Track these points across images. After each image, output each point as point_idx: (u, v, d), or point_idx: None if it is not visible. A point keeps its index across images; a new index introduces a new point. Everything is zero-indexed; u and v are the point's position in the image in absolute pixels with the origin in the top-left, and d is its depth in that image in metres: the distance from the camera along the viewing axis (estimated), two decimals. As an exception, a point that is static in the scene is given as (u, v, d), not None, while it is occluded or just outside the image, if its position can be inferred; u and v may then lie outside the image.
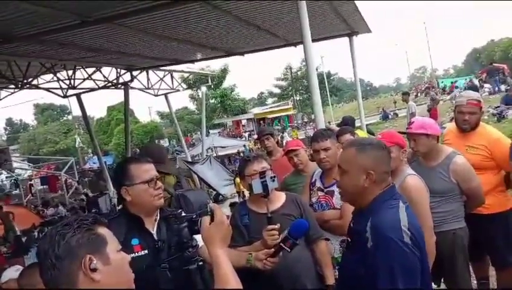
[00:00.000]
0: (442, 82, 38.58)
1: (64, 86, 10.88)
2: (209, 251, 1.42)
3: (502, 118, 11.43)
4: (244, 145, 24.15)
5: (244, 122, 43.04)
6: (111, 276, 1.15)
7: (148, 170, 1.96)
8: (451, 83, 34.01)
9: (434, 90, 30.43)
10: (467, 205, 2.97)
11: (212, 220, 1.44)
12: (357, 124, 7.83)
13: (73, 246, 1.12)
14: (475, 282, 3.37)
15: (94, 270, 1.11)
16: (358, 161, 1.68)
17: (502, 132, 3.56)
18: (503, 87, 21.88)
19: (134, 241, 1.88)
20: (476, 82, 25.79)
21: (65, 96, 11.54)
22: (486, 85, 24.60)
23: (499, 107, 13.04)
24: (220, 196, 12.76)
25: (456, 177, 2.86)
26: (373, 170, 1.65)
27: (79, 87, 11.06)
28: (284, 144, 6.63)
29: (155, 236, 1.94)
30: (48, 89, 10.99)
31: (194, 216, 1.75)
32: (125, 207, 1.98)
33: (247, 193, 2.80)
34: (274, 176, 2.29)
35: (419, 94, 38.68)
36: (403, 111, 23.87)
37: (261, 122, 38.82)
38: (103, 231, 1.20)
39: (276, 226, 2.19)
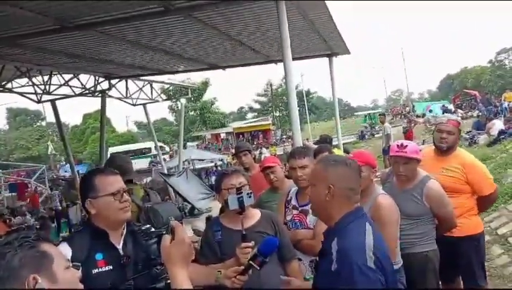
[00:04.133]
0: (415, 105, 39.61)
1: (39, 91, 10.60)
2: (168, 270, 1.38)
3: (473, 142, 11.77)
4: (221, 159, 24.02)
5: (223, 135, 42.94)
6: None
7: (114, 182, 1.88)
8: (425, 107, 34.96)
9: (409, 113, 31.26)
10: (438, 228, 3.00)
11: (173, 238, 1.39)
12: (334, 142, 7.92)
13: (15, 266, 1.04)
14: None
15: None
16: (322, 174, 1.74)
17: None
18: (475, 113, 22.65)
19: (98, 256, 1.79)
20: (450, 107, 26.61)
21: (39, 102, 11.23)
22: (460, 110, 25.40)
23: (470, 132, 13.45)
24: (196, 210, 12.57)
25: (429, 202, 2.88)
26: (333, 184, 1.68)
27: (54, 93, 10.80)
28: (262, 159, 6.63)
29: (120, 251, 1.86)
30: (21, 94, 10.68)
31: (164, 232, 1.70)
32: (90, 220, 1.89)
33: None
34: (251, 192, 2.25)
35: (395, 117, 39.60)
36: (379, 131, 24.37)
37: (240, 136, 38.80)
38: (48, 248, 1.13)
39: (250, 244, 2.14)
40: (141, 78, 11.95)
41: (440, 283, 3.14)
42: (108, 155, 32.70)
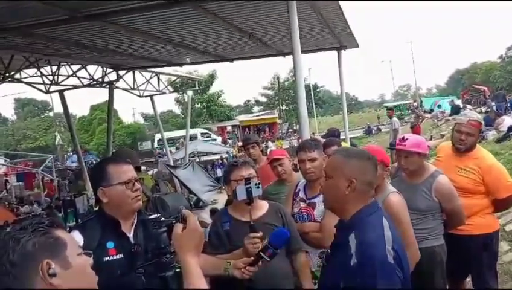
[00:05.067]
0: (423, 100, 39.54)
1: (47, 81, 10.67)
2: (180, 258, 1.39)
3: (482, 138, 11.67)
4: (228, 152, 24.07)
5: (229, 128, 42.96)
6: (71, 281, 1.08)
7: (127, 171, 1.90)
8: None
9: (417, 108, 31.03)
10: (447, 223, 2.99)
11: (185, 227, 1.40)
12: (341, 136, 7.89)
13: (30, 251, 1.05)
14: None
15: (53, 275, 1.05)
16: (342, 167, 1.69)
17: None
18: (484, 109, 22.42)
19: (110, 245, 1.81)
20: (458, 102, 26.38)
21: (47, 92, 11.32)
22: (468, 106, 25.16)
23: (479, 128, 13.34)
24: (201, 202, 12.64)
25: (438, 196, 2.86)
26: (355, 178, 1.65)
27: (62, 83, 10.86)
28: (268, 153, 6.65)
29: (131, 240, 1.88)
30: (30, 84, 10.75)
31: (174, 221, 1.70)
32: (102, 209, 1.91)
33: None
34: (259, 183, 2.25)
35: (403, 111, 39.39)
36: (386, 126, 24.27)
37: (246, 129, 38.81)
38: (62, 234, 1.13)
39: (258, 234, 2.15)
40: (148, 69, 11.98)
41: (449, 281, 3.13)
42: (155, 141, 35.49)
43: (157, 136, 36.18)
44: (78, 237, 1.75)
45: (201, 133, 34.19)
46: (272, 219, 2.39)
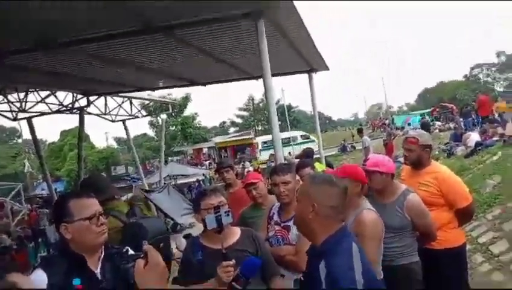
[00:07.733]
0: (393, 118, 40.19)
1: (14, 108, 10.38)
2: None
3: (451, 154, 12.00)
4: (204, 174, 23.89)
5: (205, 150, 42.72)
6: None
7: (90, 205, 1.84)
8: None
9: (389, 126, 31.85)
10: (419, 240, 3.05)
11: (146, 262, 1.39)
12: (316, 155, 7.98)
13: None
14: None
15: None
16: (307, 192, 1.76)
17: (451, 168, 3.72)
18: (451, 125, 23.21)
19: (76, 281, 1.74)
20: (428, 119, 27.24)
21: (15, 120, 11.00)
22: (437, 123, 26.01)
23: (448, 143, 13.72)
24: (178, 226, 12.41)
25: (410, 214, 2.93)
26: (317, 203, 1.69)
27: (31, 110, 10.59)
28: (246, 173, 6.63)
29: (98, 276, 1.81)
30: (-4, 111, 10.45)
31: (142, 255, 1.66)
32: (66, 245, 1.83)
33: None
34: (228, 211, 2.24)
35: (375, 129, 40.31)
36: (359, 144, 24.70)
37: (223, 150, 38.68)
38: (17, 278, 1.12)
39: (231, 263, 2.12)
40: (120, 94, 11.85)
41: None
42: (259, 144, 32.20)
43: (261, 139, 34.80)
44: (41, 277, 1.68)
45: (301, 136, 32.96)
46: (245, 245, 2.37)
